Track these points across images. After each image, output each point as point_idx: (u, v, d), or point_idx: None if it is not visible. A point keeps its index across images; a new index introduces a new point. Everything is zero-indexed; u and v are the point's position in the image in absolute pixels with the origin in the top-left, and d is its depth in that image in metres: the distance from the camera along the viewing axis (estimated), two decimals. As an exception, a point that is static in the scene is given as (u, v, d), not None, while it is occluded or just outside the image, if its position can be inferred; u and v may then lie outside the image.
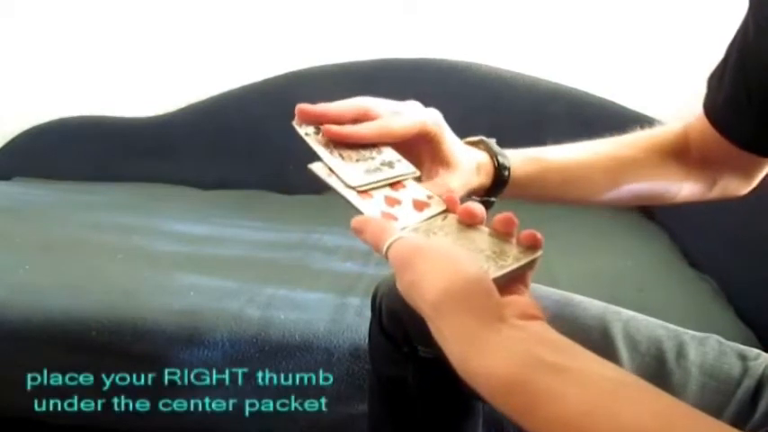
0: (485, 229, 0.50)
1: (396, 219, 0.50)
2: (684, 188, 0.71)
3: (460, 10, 1.80)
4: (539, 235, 0.48)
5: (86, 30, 1.93)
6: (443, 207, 0.52)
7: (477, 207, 0.50)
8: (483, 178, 0.61)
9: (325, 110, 0.54)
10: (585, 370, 0.38)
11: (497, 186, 0.62)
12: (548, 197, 0.68)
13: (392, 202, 0.52)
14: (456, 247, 0.48)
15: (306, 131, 0.54)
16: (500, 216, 0.49)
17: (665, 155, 0.70)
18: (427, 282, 0.42)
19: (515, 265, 0.47)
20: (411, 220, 0.51)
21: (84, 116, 1.99)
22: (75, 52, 1.95)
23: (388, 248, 0.45)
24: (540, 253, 0.48)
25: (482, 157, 0.61)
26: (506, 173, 0.61)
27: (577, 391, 0.36)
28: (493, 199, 0.62)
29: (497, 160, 0.61)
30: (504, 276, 0.46)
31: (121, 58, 1.95)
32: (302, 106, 0.54)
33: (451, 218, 0.52)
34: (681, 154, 0.70)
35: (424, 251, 0.44)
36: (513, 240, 0.49)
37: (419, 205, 0.52)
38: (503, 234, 0.49)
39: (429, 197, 0.53)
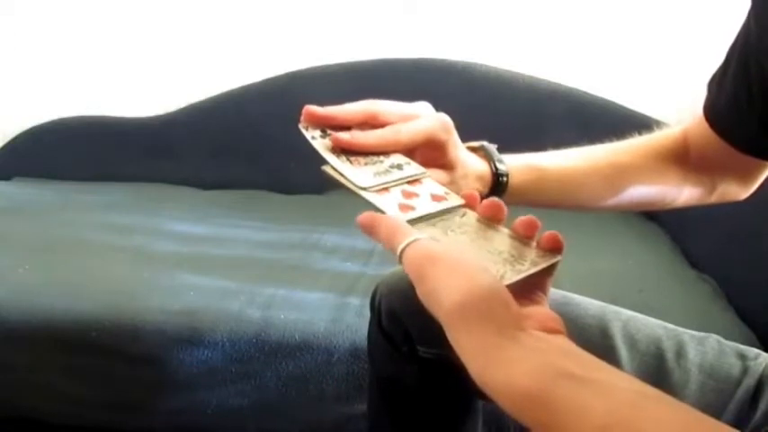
0: (504, 230, 0.48)
1: (413, 208, 0.50)
2: (683, 193, 0.71)
3: (460, 10, 1.80)
4: (560, 237, 0.47)
5: (86, 30, 1.93)
6: (461, 201, 0.51)
7: (500, 201, 0.49)
8: (480, 185, 0.60)
9: (333, 113, 0.53)
10: (608, 382, 0.37)
11: (495, 194, 0.61)
12: (546, 204, 0.68)
13: (409, 195, 0.51)
14: (472, 251, 0.46)
15: (312, 135, 0.53)
16: (522, 219, 0.48)
17: (663, 159, 0.70)
18: (443, 292, 0.41)
19: (532, 270, 0.45)
20: (429, 210, 0.50)
21: (84, 116, 1.99)
22: (75, 52, 1.95)
23: (401, 253, 0.44)
24: (559, 257, 0.47)
25: (480, 163, 0.61)
26: (504, 180, 0.61)
27: (599, 404, 0.35)
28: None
29: (495, 167, 0.61)
30: (520, 281, 0.44)
31: (121, 58, 1.95)
32: (309, 108, 0.52)
33: (470, 215, 0.50)
34: (679, 158, 0.70)
35: (438, 259, 0.42)
36: (533, 243, 0.47)
37: (437, 198, 0.52)
38: (523, 237, 0.47)
39: (447, 193, 0.52)
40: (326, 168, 0.52)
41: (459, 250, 0.46)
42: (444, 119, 0.56)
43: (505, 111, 1.76)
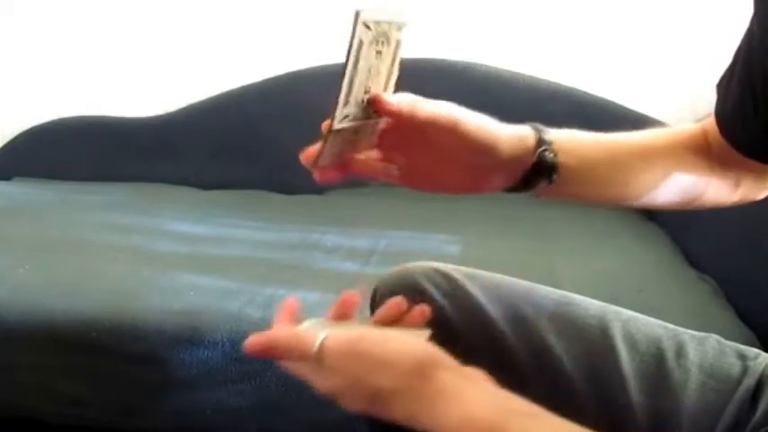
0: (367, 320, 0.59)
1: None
2: (711, 186, 0.68)
3: (460, 10, 1.80)
4: (427, 311, 0.56)
5: (86, 30, 1.93)
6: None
7: (353, 295, 0.59)
8: (527, 142, 0.62)
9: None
10: (555, 421, 0.41)
11: (541, 153, 0.61)
12: (587, 183, 0.65)
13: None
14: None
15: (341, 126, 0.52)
16: (390, 302, 0.57)
17: (688, 149, 0.68)
18: (389, 360, 0.48)
19: None
20: None
21: (84, 116, 1.99)
22: (75, 52, 1.96)
23: (321, 349, 0.51)
24: (429, 331, 0.54)
25: (516, 129, 0.62)
26: (545, 135, 0.62)
27: None
28: (550, 155, 0.61)
29: (537, 129, 0.62)
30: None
31: (121, 58, 1.95)
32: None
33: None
34: (703, 150, 0.68)
35: (361, 338, 0.50)
36: (402, 325, 0.56)
37: None
38: (389, 322, 0.57)
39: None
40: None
41: (371, 332, 0.54)
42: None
43: (505, 111, 1.72)
